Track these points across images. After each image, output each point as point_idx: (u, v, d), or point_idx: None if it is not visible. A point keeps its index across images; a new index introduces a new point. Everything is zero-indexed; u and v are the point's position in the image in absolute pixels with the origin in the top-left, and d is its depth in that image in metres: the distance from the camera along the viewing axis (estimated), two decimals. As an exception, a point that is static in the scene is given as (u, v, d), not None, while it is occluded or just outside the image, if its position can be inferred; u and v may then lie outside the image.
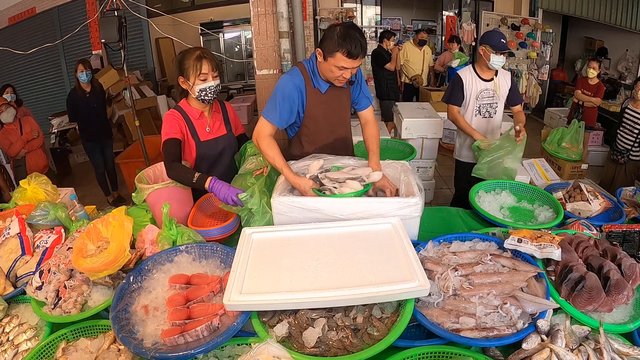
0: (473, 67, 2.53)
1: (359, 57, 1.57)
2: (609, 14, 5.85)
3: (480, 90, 2.50)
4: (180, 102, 1.78)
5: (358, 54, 1.55)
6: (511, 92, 2.56)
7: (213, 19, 9.38)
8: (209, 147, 1.80)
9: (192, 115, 1.76)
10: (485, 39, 2.42)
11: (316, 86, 1.73)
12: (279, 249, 1.29)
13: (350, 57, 1.55)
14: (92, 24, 6.08)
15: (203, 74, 1.65)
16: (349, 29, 1.56)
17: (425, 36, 5.58)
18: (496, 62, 2.37)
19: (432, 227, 1.61)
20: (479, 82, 2.50)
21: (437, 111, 3.96)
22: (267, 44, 2.64)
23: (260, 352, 0.85)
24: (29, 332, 1.24)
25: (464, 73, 2.54)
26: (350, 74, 1.63)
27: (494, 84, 2.50)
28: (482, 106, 2.55)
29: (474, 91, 2.51)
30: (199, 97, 1.70)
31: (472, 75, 2.51)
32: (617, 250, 1.25)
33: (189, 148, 1.78)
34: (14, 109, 3.92)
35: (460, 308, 1.13)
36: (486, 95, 2.51)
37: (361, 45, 1.55)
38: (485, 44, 2.39)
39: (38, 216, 1.68)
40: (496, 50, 2.34)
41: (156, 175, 1.73)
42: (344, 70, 1.59)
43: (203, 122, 1.79)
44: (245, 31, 9.91)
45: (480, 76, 2.50)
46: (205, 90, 1.68)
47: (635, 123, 3.21)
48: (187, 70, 1.66)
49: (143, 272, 1.30)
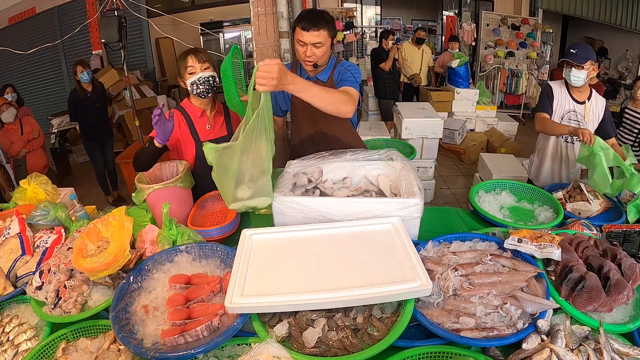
0: (565, 82, 2.21)
1: (312, 29, 1.66)
2: (609, 14, 5.85)
3: (567, 110, 2.20)
4: (182, 102, 1.81)
5: (310, 26, 1.65)
6: (603, 123, 2.20)
7: (213, 19, 9.38)
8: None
9: (193, 114, 1.79)
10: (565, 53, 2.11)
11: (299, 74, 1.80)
12: (279, 250, 1.29)
13: (304, 30, 1.66)
14: (92, 24, 6.08)
15: (190, 67, 1.70)
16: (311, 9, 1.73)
17: (422, 34, 5.58)
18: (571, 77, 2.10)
19: (432, 227, 1.61)
20: (569, 100, 2.19)
21: (437, 111, 3.96)
22: (267, 44, 2.64)
23: (260, 352, 0.85)
24: (29, 332, 1.24)
25: (555, 85, 2.24)
26: (311, 52, 1.71)
27: (584, 108, 2.18)
28: None
29: (560, 109, 2.20)
30: (193, 92, 1.74)
31: (564, 91, 2.21)
32: (617, 250, 1.25)
33: (188, 148, 1.79)
34: (14, 108, 3.92)
35: (460, 308, 1.13)
36: (573, 117, 2.19)
37: (313, 18, 1.65)
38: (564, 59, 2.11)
39: (38, 216, 1.68)
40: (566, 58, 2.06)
41: (156, 175, 1.73)
42: (305, 46, 1.70)
43: (204, 121, 1.81)
44: (245, 31, 9.91)
45: (571, 95, 2.20)
46: (196, 82, 1.71)
47: (635, 123, 3.21)
48: (180, 70, 1.74)
49: (143, 272, 1.30)
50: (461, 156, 5.18)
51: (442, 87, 6.06)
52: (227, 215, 1.70)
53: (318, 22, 1.67)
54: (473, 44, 7.20)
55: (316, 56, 1.74)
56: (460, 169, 4.96)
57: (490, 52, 7.01)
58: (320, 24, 1.67)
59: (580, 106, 2.18)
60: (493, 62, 6.98)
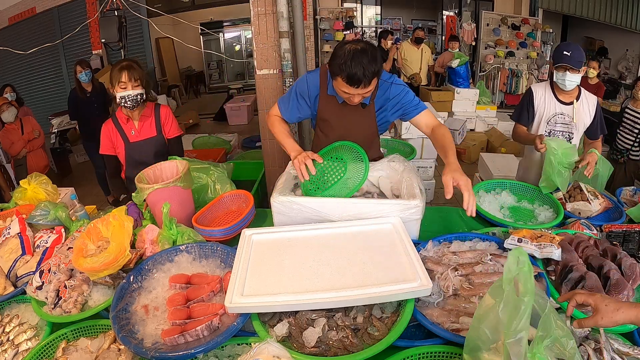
0: (550, 84, 2.10)
1: (362, 85, 1.39)
2: (609, 14, 5.86)
3: (553, 114, 2.07)
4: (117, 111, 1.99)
5: (360, 81, 1.37)
6: (593, 123, 2.07)
7: (213, 18, 9.39)
8: (137, 148, 2.00)
9: (121, 120, 1.98)
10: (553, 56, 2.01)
11: (331, 93, 1.62)
12: (279, 250, 1.29)
13: (351, 84, 1.39)
14: (92, 24, 6.08)
15: (122, 83, 1.84)
16: (356, 52, 1.37)
17: (421, 34, 5.57)
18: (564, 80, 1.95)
19: (432, 227, 1.61)
20: (554, 103, 2.07)
21: (438, 111, 3.96)
22: (267, 44, 2.64)
23: (260, 352, 0.85)
24: (29, 332, 1.24)
25: (537, 87, 2.12)
26: (359, 99, 1.48)
27: (572, 109, 2.05)
28: (553, 133, 2.09)
29: (546, 112, 2.08)
30: (120, 104, 1.89)
31: (547, 93, 2.08)
32: (617, 250, 1.25)
33: (120, 148, 2.00)
34: (15, 108, 3.92)
35: (460, 308, 1.13)
36: (560, 121, 2.07)
37: (364, 73, 1.36)
38: (554, 62, 1.99)
39: (38, 216, 1.68)
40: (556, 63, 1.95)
41: (156, 175, 1.73)
42: (349, 95, 1.46)
43: (130, 127, 2.00)
44: (245, 31, 9.92)
45: (557, 97, 2.07)
46: (125, 98, 1.86)
47: (635, 123, 3.21)
48: (112, 79, 1.86)
49: (143, 272, 1.30)
50: (461, 156, 5.17)
51: (442, 87, 6.06)
52: (235, 217, 1.70)
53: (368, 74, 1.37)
54: (473, 43, 7.20)
55: (363, 98, 1.51)
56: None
57: (491, 52, 7.01)
58: (370, 75, 1.38)
59: (567, 107, 2.05)
60: (493, 62, 6.98)
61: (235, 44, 10.28)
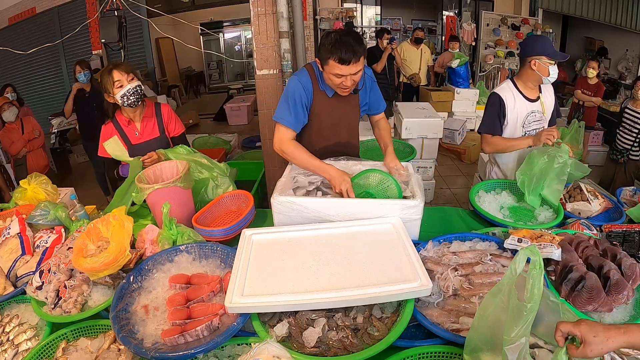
0: (513, 84, 1.97)
1: (352, 62, 1.50)
2: (609, 14, 5.86)
3: (527, 114, 1.96)
4: (116, 113, 1.94)
5: (350, 59, 1.48)
6: (554, 110, 2.03)
7: (213, 19, 9.40)
8: (140, 150, 1.92)
9: (122, 123, 1.94)
10: (536, 48, 1.86)
11: (322, 89, 1.71)
12: (279, 250, 1.29)
13: (342, 63, 1.49)
14: (92, 24, 6.07)
15: (117, 82, 1.79)
16: (342, 35, 1.50)
17: (421, 34, 5.57)
18: (554, 75, 1.89)
19: (432, 227, 1.61)
20: (524, 103, 1.95)
21: (437, 111, 3.96)
22: (267, 44, 2.64)
23: (260, 352, 0.85)
24: (29, 332, 1.24)
25: (504, 92, 1.95)
26: (351, 81, 1.56)
27: (540, 104, 1.99)
28: (529, 134, 1.98)
29: (520, 115, 1.96)
30: (124, 104, 1.84)
31: (515, 95, 1.95)
32: (617, 250, 1.25)
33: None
34: (16, 108, 3.92)
35: (460, 308, 1.13)
36: (533, 119, 1.98)
37: (354, 51, 1.47)
38: (538, 55, 1.85)
39: (38, 216, 1.68)
40: (554, 59, 1.84)
41: (156, 175, 1.73)
42: (342, 77, 1.54)
43: (132, 128, 1.96)
44: (245, 31, 9.92)
45: (525, 96, 1.96)
46: (126, 95, 1.81)
47: (635, 123, 3.21)
48: (106, 86, 1.81)
49: (143, 272, 1.30)
50: (461, 156, 5.18)
51: (442, 87, 6.06)
52: (236, 217, 1.70)
53: (357, 51, 1.48)
54: (473, 44, 7.20)
55: (354, 82, 1.59)
56: (460, 169, 4.96)
57: (490, 52, 7.01)
58: (359, 52, 1.49)
59: (535, 104, 1.98)
60: (493, 62, 6.98)
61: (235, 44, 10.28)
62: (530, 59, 1.88)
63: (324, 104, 1.74)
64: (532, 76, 1.92)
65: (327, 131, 1.81)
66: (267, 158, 2.97)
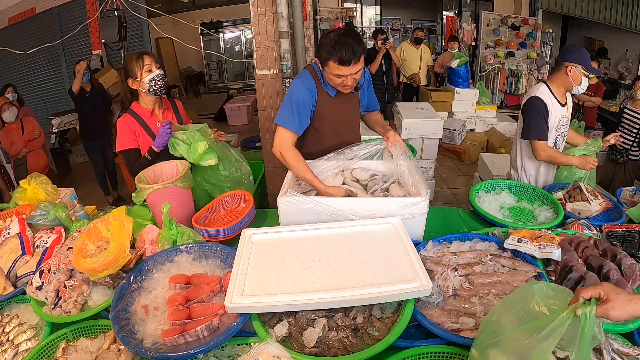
0: (548, 89, 1.99)
1: (353, 63, 1.51)
2: (609, 14, 5.86)
3: (559, 118, 2.01)
4: (132, 105, 1.86)
5: (350, 59, 1.49)
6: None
7: (213, 19, 9.40)
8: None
9: (143, 114, 1.86)
10: (576, 56, 1.90)
11: (325, 89, 1.72)
12: (280, 250, 1.29)
13: (342, 64, 1.50)
14: (92, 24, 6.07)
15: (147, 65, 1.78)
16: (340, 35, 1.50)
17: (421, 34, 5.57)
18: (584, 87, 1.95)
19: (432, 227, 1.61)
20: (559, 108, 1.99)
21: (437, 111, 3.96)
22: (267, 44, 2.64)
23: (260, 352, 0.85)
24: (29, 332, 1.24)
25: (545, 97, 1.96)
26: (352, 81, 1.58)
27: (567, 109, 2.05)
28: (559, 137, 2.05)
29: (555, 120, 1.99)
30: (150, 89, 1.79)
31: (552, 100, 1.98)
32: (617, 250, 1.25)
33: (146, 145, 1.85)
34: (16, 108, 3.92)
35: (460, 308, 1.13)
36: (563, 122, 2.04)
37: (353, 51, 1.48)
38: (576, 62, 1.89)
39: (38, 216, 1.68)
40: (589, 72, 1.90)
41: (156, 175, 1.73)
42: (343, 77, 1.56)
43: (154, 119, 1.89)
44: (245, 31, 9.92)
45: (558, 100, 1.99)
46: (154, 79, 1.79)
47: (634, 123, 3.21)
48: (133, 69, 1.78)
49: (143, 272, 1.30)
50: (461, 156, 5.18)
51: (442, 87, 6.06)
52: (235, 217, 1.70)
53: (356, 51, 1.49)
54: (473, 44, 7.20)
55: (355, 81, 1.61)
56: (460, 169, 4.96)
57: (490, 52, 7.01)
58: (358, 52, 1.50)
59: (564, 108, 2.04)
60: (493, 62, 6.98)
61: (236, 44, 10.28)
62: (568, 64, 1.91)
63: (328, 105, 1.75)
64: (565, 82, 1.95)
65: (331, 131, 1.82)
66: (267, 158, 2.97)
